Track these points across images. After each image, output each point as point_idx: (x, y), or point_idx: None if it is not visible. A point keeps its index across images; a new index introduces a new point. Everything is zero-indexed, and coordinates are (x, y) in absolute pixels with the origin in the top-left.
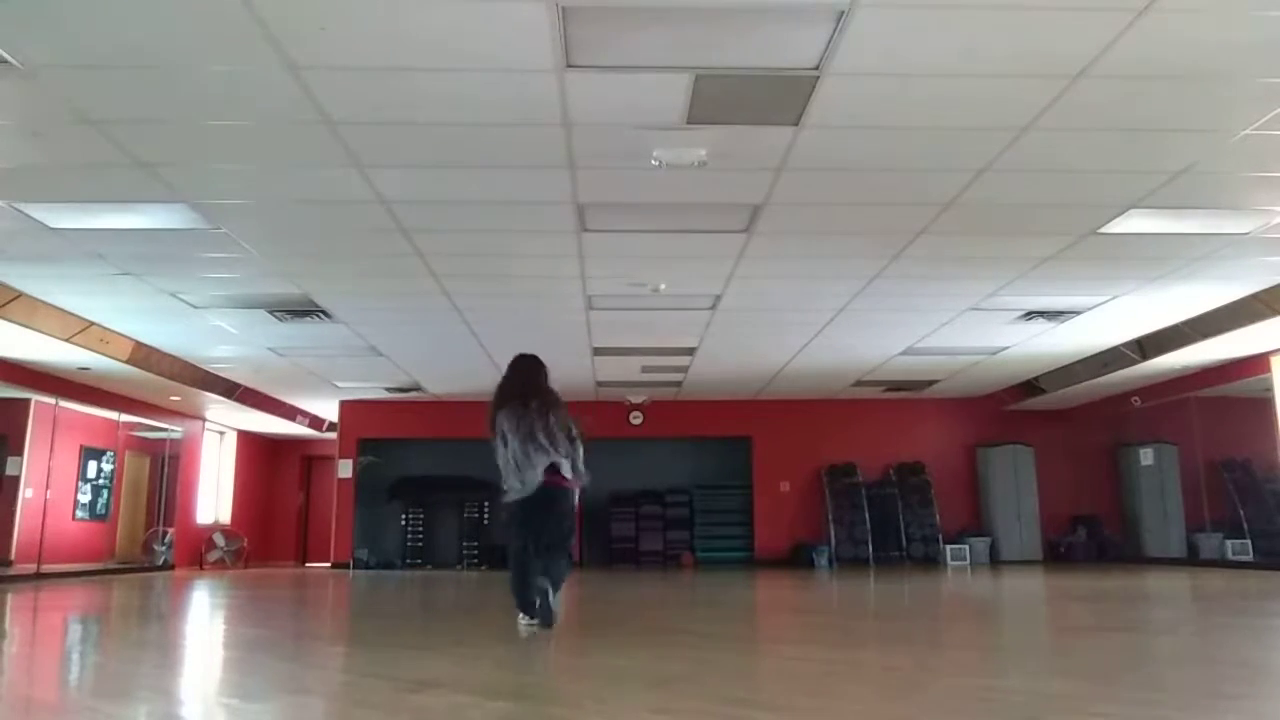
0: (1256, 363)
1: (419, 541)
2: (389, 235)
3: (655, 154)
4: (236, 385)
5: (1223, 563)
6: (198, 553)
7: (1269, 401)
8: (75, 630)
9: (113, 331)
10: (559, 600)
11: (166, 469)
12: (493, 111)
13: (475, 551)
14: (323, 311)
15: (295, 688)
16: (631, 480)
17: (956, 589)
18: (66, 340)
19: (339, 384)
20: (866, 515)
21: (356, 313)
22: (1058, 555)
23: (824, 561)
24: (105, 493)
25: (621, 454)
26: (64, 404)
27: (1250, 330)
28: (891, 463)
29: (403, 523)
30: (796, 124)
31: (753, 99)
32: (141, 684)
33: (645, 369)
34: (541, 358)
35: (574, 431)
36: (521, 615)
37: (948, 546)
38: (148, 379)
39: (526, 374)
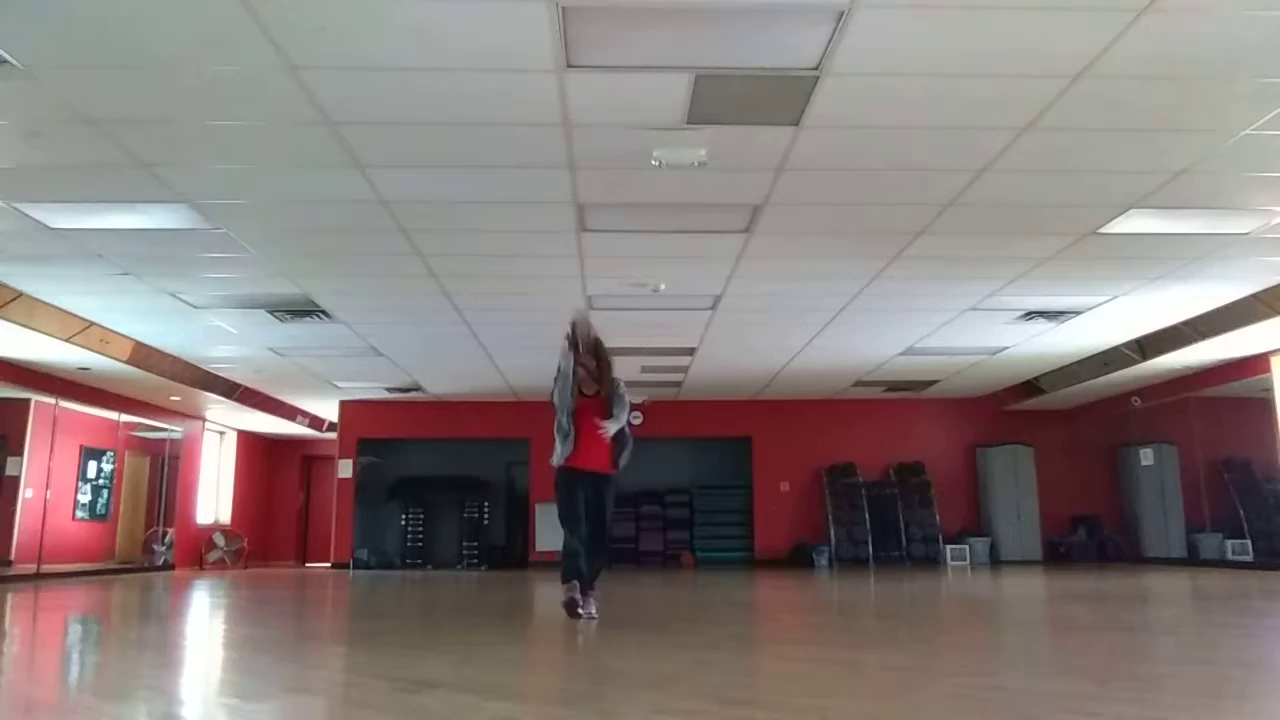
0: (1256, 363)
1: (419, 541)
2: (389, 235)
3: (655, 154)
4: (236, 385)
5: (1223, 563)
6: (198, 553)
7: (1269, 401)
8: (75, 630)
9: (113, 331)
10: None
11: (166, 469)
12: (493, 111)
13: (475, 551)
14: (323, 311)
15: (295, 688)
16: (631, 480)
17: (956, 589)
18: (66, 340)
19: (339, 384)
20: (866, 515)
21: (356, 313)
22: (1058, 555)
23: (824, 562)
24: (105, 493)
25: None
26: (64, 404)
27: (1250, 330)
28: (891, 463)
29: (403, 523)
30: (796, 124)
31: (753, 99)
32: (141, 684)
33: (645, 369)
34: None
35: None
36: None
37: (948, 546)
38: (148, 379)
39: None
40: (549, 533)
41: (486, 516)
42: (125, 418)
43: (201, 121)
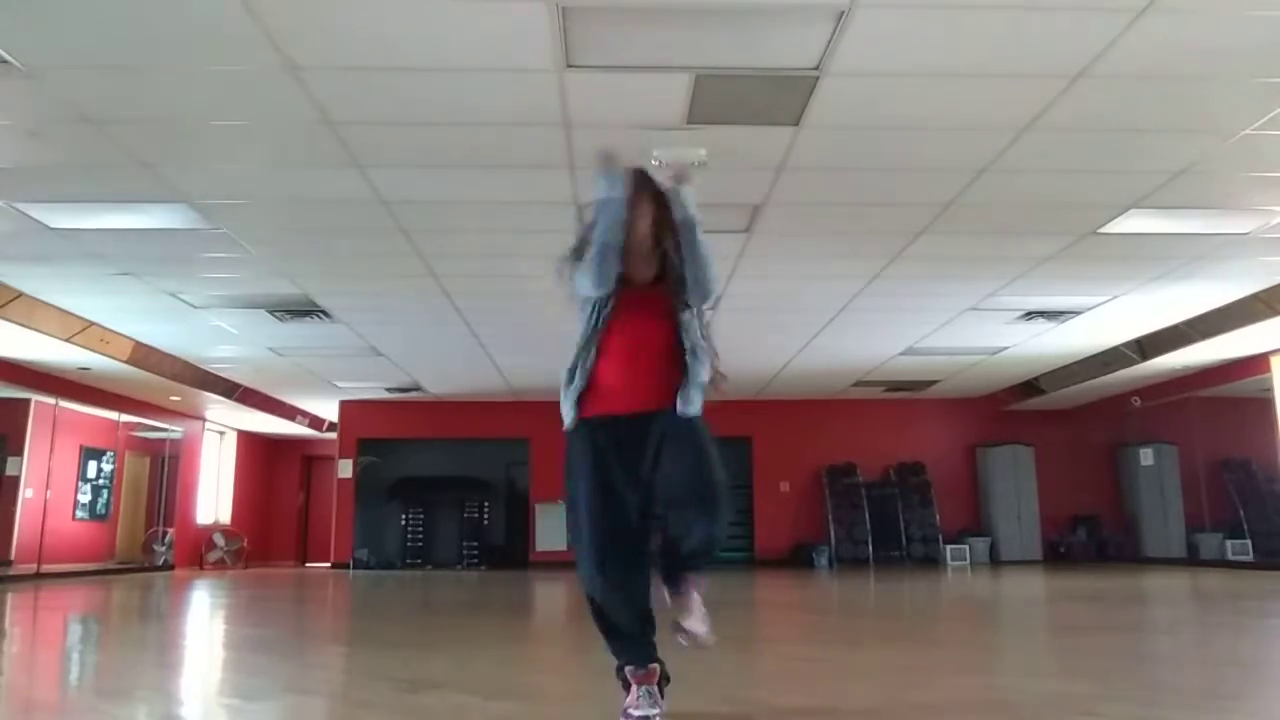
0: (1256, 363)
1: (419, 541)
2: (389, 235)
3: (655, 154)
4: (236, 385)
5: (1223, 563)
6: (198, 553)
7: (1269, 401)
8: (75, 630)
9: (113, 331)
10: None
11: (166, 469)
12: (493, 111)
13: (475, 551)
14: (323, 311)
15: (295, 688)
16: None
17: (957, 589)
18: (66, 340)
19: (339, 384)
20: (866, 515)
21: (356, 313)
22: (1058, 555)
23: (824, 562)
24: (105, 493)
25: None
26: (64, 404)
27: (1250, 330)
28: (891, 463)
29: (403, 523)
30: (796, 124)
31: (753, 99)
32: (141, 684)
33: None
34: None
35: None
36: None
37: (948, 546)
38: (148, 379)
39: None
40: (549, 533)
41: (486, 516)
42: (125, 418)
43: (201, 121)
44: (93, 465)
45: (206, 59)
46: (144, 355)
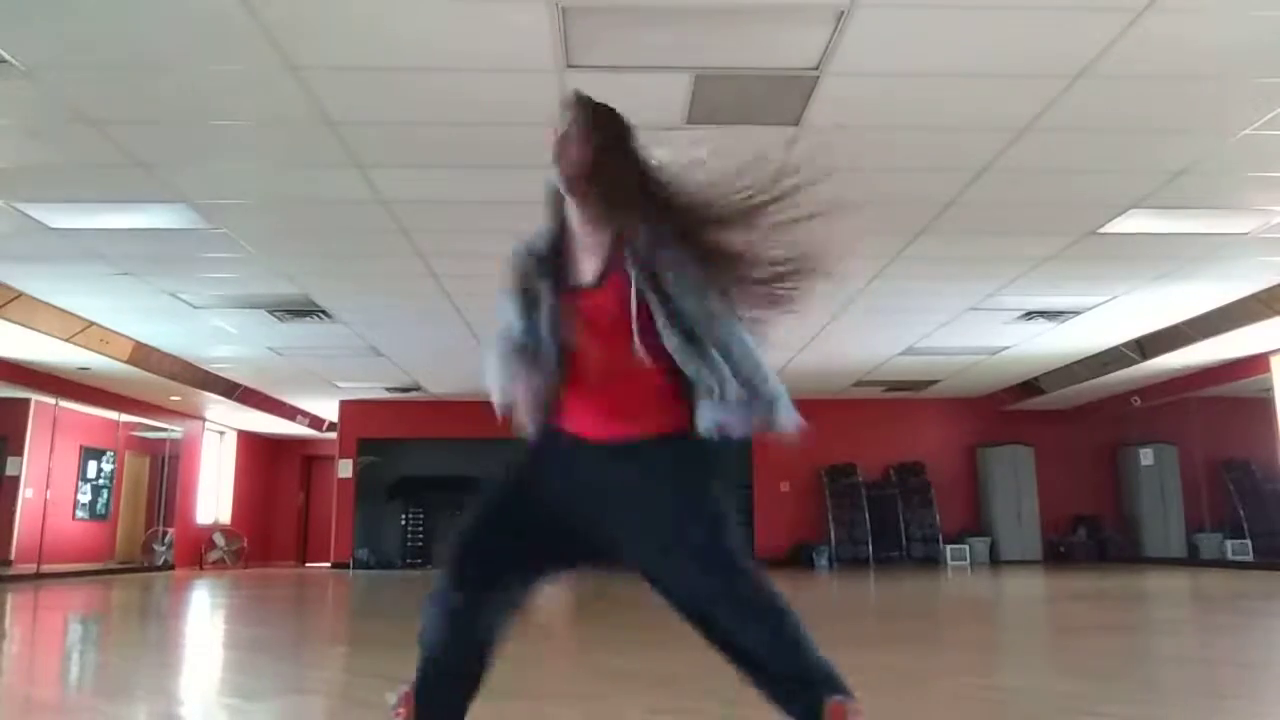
0: (1256, 363)
1: (419, 541)
2: (389, 235)
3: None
4: (236, 385)
5: (1223, 563)
6: (198, 553)
7: (1269, 401)
8: (75, 630)
9: (113, 331)
10: None
11: (166, 469)
12: (493, 111)
13: None
14: (323, 311)
15: (295, 688)
16: None
17: (957, 589)
18: (66, 340)
19: (339, 384)
20: (866, 515)
21: (356, 313)
22: (1058, 555)
23: (824, 562)
24: (105, 493)
25: None
26: (64, 404)
27: (1250, 330)
28: (891, 463)
29: (403, 523)
30: (796, 124)
31: (753, 99)
32: (141, 684)
33: None
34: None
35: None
36: None
37: (948, 546)
38: (148, 379)
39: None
40: None
41: None
42: (125, 418)
43: (201, 121)
44: (93, 465)
45: (206, 59)
46: (144, 355)
